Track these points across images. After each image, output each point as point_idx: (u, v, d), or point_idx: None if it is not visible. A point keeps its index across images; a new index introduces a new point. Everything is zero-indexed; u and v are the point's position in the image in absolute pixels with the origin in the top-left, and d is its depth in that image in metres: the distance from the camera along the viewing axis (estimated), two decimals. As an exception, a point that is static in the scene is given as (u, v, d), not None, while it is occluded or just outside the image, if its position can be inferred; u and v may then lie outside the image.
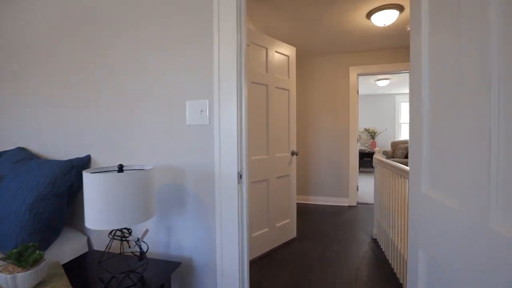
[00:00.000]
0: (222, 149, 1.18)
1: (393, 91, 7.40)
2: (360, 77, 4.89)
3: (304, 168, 4.15)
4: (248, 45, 2.13)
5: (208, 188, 1.23)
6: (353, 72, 3.93)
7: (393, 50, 3.77)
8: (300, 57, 4.11)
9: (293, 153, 2.62)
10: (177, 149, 1.27)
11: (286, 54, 2.57)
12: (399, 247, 1.94)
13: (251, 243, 2.23)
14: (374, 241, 2.69)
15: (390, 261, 2.19)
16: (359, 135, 5.39)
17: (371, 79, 5.76)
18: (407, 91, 7.20)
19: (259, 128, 2.30)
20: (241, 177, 1.21)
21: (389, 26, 2.93)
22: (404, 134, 7.65)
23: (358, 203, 4.06)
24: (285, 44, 2.55)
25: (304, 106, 4.14)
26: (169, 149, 1.29)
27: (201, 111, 1.22)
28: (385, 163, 2.24)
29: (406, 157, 6.54)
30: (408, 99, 7.47)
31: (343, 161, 4.00)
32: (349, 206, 3.95)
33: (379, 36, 3.27)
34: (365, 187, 5.26)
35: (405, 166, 1.79)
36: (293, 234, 2.69)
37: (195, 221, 1.27)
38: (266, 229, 2.38)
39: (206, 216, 1.25)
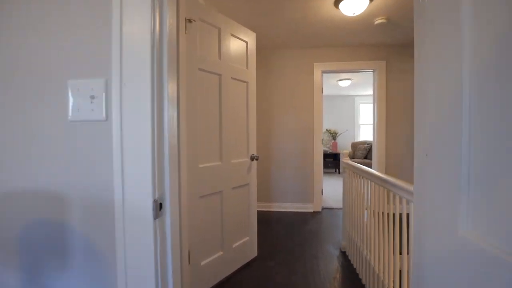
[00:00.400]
0: (126, 163, 0.70)
1: (352, 93, 7.48)
2: (323, 75, 4.70)
3: (266, 172, 3.78)
4: (193, 20, 1.65)
5: (105, 226, 0.74)
6: (317, 69, 3.67)
7: (358, 47, 3.60)
8: (261, 49, 3.73)
9: (253, 158, 2.21)
10: (53, 162, 0.76)
11: (245, 39, 2.15)
12: (376, 269, 1.64)
13: (201, 274, 1.75)
14: (343, 254, 2.41)
15: (363, 282, 1.90)
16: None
17: (333, 79, 5.66)
18: (366, 92, 7.34)
19: (210, 127, 1.84)
20: (161, 207, 0.74)
21: (356, 18, 2.69)
22: (363, 135, 7.80)
23: (323, 208, 3.82)
24: (243, 27, 2.13)
25: (265, 104, 3.77)
26: (38, 162, 0.76)
27: (93, 97, 0.73)
28: (361, 170, 1.94)
29: (366, 157, 6.62)
30: (366, 101, 7.63)
31: (307, 163, 3.72)
32: (314, 212, 3.69)
33: (345, 30, 3.04)
34: (328, 190, 5.10)
35: (393, 179, 1.44)
36: (253, 253, 2.28)
37: (86, 280, 0.77)
38: (220, 253, 1.93)
39: (103, 271, 0.75)
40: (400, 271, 1.36)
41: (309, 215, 3.54)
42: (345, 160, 2.39)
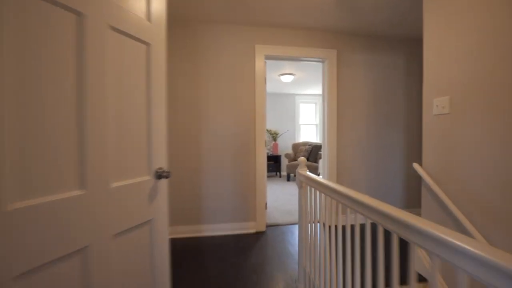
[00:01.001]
0: None
1: (292, 91, 7.14)
2: (266, 63, 4.05)
3: (194, 186, 2.88)
4: None
5: None
6: (260, 53, 2.95)
7: (307, 31, 3.02)
8: (188, 21, 2.81)
9: (160, 175, 1.30)
10: None
11: (143, -30, 1.23)
12: None
13: None
14: (300, 303, 1.72)
15: None
16: (264, 137, 4.56)
17: (275, 72, 5.09)
18: (308, 91, 7.10)
19: (53, 121, 0.87)
20: None
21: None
22: (303, 136, 7.56)
23: (267, 226, 3.13)
24: None
25: (192, 94, 2.86)
26: None
27: None
28: (339, 192, 1.23)
29: (308, 159, 6.30)
30: (307, 100, 7.40)
31: (248, 172, 2.97)
32: (256, 232, 2.95)
33: (295, 9, 2.38)
34: (271, 198, 4.47)
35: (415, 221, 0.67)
36: (163, 332, 1.37)
37: None
38: None
39: None
40: None
41: (252, 238, 2.79)
42: (302, 171, 1.69)
